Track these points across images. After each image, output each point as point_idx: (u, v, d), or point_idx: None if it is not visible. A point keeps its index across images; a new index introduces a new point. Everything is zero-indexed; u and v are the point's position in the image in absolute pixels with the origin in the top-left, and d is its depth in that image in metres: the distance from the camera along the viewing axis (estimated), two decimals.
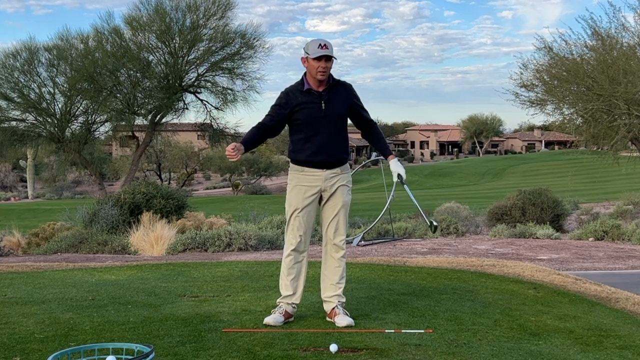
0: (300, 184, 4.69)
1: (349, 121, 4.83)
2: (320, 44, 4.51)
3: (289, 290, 4.70)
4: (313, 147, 4.61)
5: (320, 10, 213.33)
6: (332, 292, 4.73)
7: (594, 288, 6.38)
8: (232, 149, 4.45)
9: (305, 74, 4.65)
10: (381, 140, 4.88)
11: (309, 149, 4.62)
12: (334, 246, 4.75)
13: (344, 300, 4.76)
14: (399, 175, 4.78)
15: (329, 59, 4.51)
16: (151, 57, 27.30)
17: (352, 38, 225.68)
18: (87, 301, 5.36)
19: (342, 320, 4.55)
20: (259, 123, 4.68)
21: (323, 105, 4.58)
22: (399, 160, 4.86)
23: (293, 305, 4.71)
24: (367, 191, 45.12)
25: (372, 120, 4.88)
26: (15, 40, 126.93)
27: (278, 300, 4.74)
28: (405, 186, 4.89)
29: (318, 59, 4.49)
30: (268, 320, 4.55)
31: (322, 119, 4.59)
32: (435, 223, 4.78)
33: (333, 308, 4.69)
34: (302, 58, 4.60)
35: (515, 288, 6.19)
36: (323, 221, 4.78)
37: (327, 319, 4.68)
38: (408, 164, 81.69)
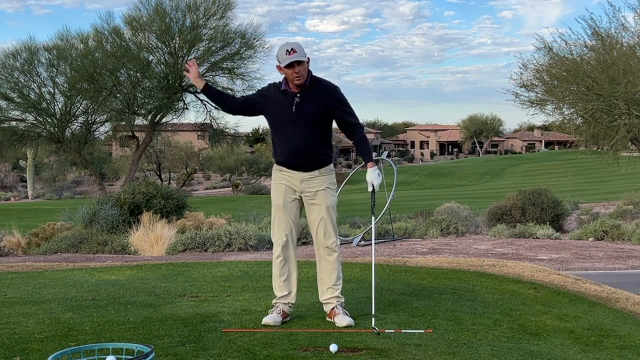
0: (280, 182, 4.72)
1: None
2: (287, 50, 4.46)
3: (284, 291, 4.71)
4: (285, 149, 4.63)
5: (320, 10, 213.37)
6: (329, 295, 4.73)
7: (594, 288, 6.39)
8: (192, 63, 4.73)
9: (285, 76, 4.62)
10: (362, 144, 4.69)
11: (282, 150, 4.65)
12: (326, 249, 4.73)
13: (342, 300, 4.76)
14: (372, 186, 4.67)
15: (300, 62, 4.47)
16: (151, 57, 27.29)
17: (352, 38, 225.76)
18: (87, 301, 5.36)
19: (342, 320, 4.55)
20: (233, 96, 4.88)
21: (293, 107, 4.55)
22: (378, 168, 4.75)
23: (290, 305, 4.72)
24: (367, 191, 45.06)
25: (355, 124, 4.70)
26: (15, 40, 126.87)
27: (274, 301, 4.75)
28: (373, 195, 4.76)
29: (289, 66, 4.47)
30: (267, 320, 4.55)
31: (291, 122, 4.55)
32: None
33: (332, 308, 4.69)
34: (277, 66, 4.56)
35: (515, 288, 6.19)
36: (310, 225, 4.76)
37: (327, 319, 4.69)
38: (408, 164, 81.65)
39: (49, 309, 5.02)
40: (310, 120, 4.56)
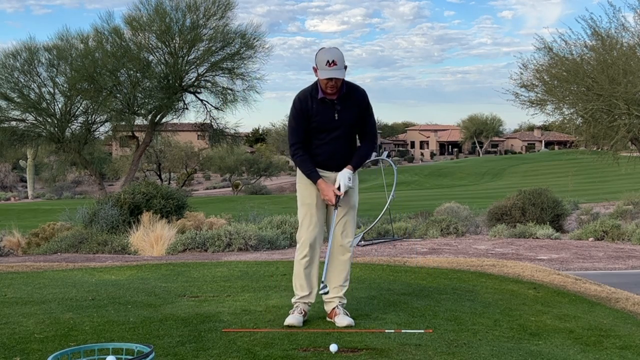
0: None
1: None
2: (328, 61, 4.39)
3: (305, 290, 4.70)
4: (326, 153, 4.62)
5: (320, 10, 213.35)
6: (333, 294, 4.72)
7: (594, 288, 6.39)
8: (334, 195, 4.50)
9: (318, 80, 4.56)
10: (363, 154, 4.70)
11: (321, 154, 4.62)
12: (340, 248, 4.74)
13: (345, 301, 4.77)
14: (339, 185, 4.57)
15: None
16: (151, 57, 27.30)
17: (352, 38, 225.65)
18: (87, 301, 5.36)
19: (343, 320, 4.55)
20: (299, 149, 4.58)
21: (336, 115, 4.57)
22: (350, 173, 4.59)
23: (309, 304, 4.73)
24: (367, 191, 45.11)
25: (373, 134, 4.72)
26: (15, 40, 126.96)
27: (294, 301, 4.73)
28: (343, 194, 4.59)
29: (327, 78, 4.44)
30: (291, 321, 4.52)
31: (335, 128, 4.58)
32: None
33: (333, 308, 4.69)
34: (313, 67, 4.52)
35: (515, 288, 6.19)
36: (330, 222, 4.76)
37: (327, 319, 4.69)
38: (408, 164, 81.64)
39: (49, 309, 5.02)
40: (349, 125, 4.61)
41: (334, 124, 4.57)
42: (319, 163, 4.64)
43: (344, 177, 4.58)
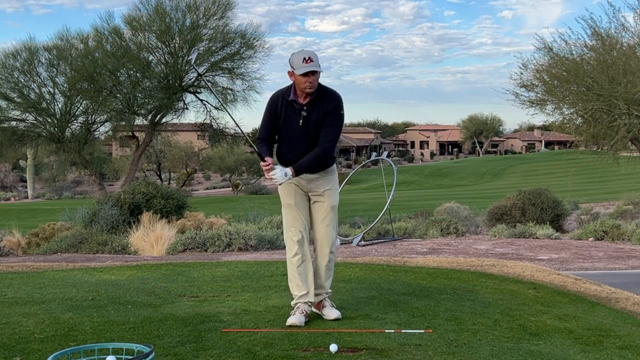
0: (288, 182, 4.72)
1: (350, 120, 4.83)
2: (304, 58, 4.46)
3: (302, 290, 4.72)
4: (291, 155, 4.65)
5: (320, 10, 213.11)
6: (320, 289, 4.81)
7: (594, 288, 6.39)
8: (268, 166, 4.48)
9: (294, 82, 4.61)
10: (313, 157, 4.57)
11: (288, 156, 4.67)
12: (327, 243, 4.80)
13: (330, 292, 4.86)
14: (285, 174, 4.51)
15: (314, 72, 4.50)
16: (151, 57, 27.33)
17: (352, 38, 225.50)
18: (87, 301, 5.36)
19: (331, 313, 4.66)
20: (262, 143, 4.65)
21: (300, 121, 4.59)
22: (289, 172, 4.52)
23: (309, 304, 4.75)
24: (367, 191, 45.12)
25: (329, 140, 4.59)
26: (15, 40, 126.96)
27: (294, 302, 4.75)
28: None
29: (305, 74, 4.47)
30: (293, 321, 4.54)
31: (298, 133, 4.60)
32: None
33: (321, 300, 4.77)
34: (288, 72, 4.57)
35: (515, 288, 6.19)
36: (313, 222, 4.82)
37: (314, 309, 4.75)
38: (408, 164, 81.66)
39: (49, 309, 5.02)
40: (315, 130, 4.62)
41: (298, 130, 4.59)
42: (288, 162, 4.64)
43: (281, 172, 4.50)
